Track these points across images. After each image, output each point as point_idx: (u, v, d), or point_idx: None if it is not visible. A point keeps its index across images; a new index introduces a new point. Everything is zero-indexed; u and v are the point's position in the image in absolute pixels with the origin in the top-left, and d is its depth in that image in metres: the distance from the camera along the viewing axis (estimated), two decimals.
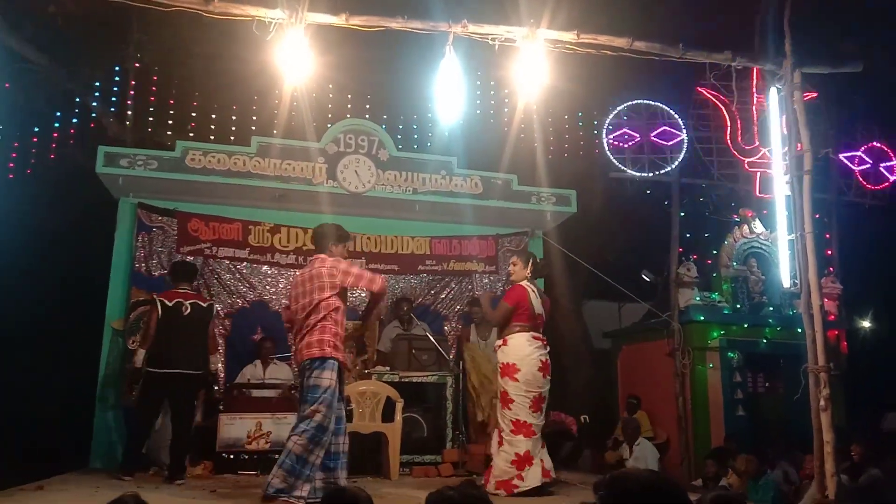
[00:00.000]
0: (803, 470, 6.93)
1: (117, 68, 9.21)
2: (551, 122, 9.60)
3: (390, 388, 6.41)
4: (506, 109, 9.48)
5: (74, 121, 9.23)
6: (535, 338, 5.37)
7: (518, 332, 5.35)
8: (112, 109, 9.37)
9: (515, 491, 5.18)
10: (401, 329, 7.55)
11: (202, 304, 6.03)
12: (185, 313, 5.83)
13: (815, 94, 8.15)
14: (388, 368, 6.88)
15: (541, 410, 5.34)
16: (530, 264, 5.57)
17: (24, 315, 8.42)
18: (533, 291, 5.48)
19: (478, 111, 9.33)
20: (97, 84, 9.30)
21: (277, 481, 4.29)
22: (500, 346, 5.43)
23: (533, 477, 5.21)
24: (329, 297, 4.54)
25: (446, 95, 5.27)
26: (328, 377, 4.44)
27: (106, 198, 7.77)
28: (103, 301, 7.43)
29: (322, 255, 4.73)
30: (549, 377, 5.41)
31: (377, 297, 4.88)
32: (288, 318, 4.88)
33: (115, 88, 9.24)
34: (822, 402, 4.74)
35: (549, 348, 5.50)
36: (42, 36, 9.18)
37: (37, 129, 9.01)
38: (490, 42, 5.06)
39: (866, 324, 10.80)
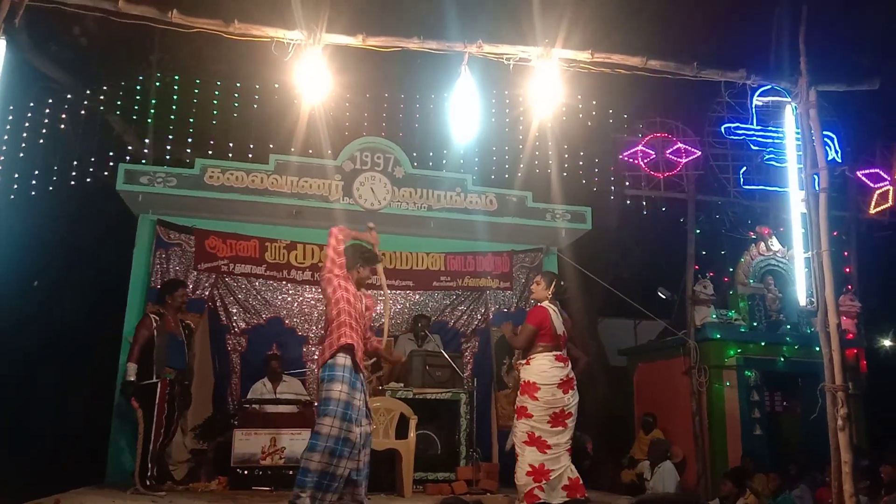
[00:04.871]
0: (819, 492, 6.85)
1: (138, 87, 9.36)
2: (566, 140, 9.62)
3: (404, 405, 6.41)
4: (520, 127, 9.53)
5: (96, 138, 9.37)
6: (557, 359, 5.38)
7: (541, 352, 5.38)
8: (132, 127, 9.52)
9: (538, 502, 5.16)
10: (414, 342, 7.57)
11: None
12: None
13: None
14: (401, 385, 6.89)
15: (564, 426, 5.31)
16: (553, 285, 5.60)
17: (44, 330, 8.53)
18: (554, 311, 5.49)
19: (493, 129, 9.37)
20: (118, 102, 9.46)
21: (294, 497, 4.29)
22: (523, 365, 5.47)
23: (552, 492, 5.20)
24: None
25: (461, 114, 5.33)
26: (337, 388, 4.39)
27: (126, 214, 7.88)
28: (122, 316, 7.51)
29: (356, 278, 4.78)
30: (573, 391, 5.39)
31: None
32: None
33: (136, 106, 9.39)
34: (839, 422, 4.71)
35: (570, 366, 5.49)
36: (65, 56, 9.37)
37: (59, 147, 9.16)
38: (505, 62, 5.11)
39: (887, 342, 10.66)
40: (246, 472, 6.19)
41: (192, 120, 9.18)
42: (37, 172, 8.88)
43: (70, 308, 8.73)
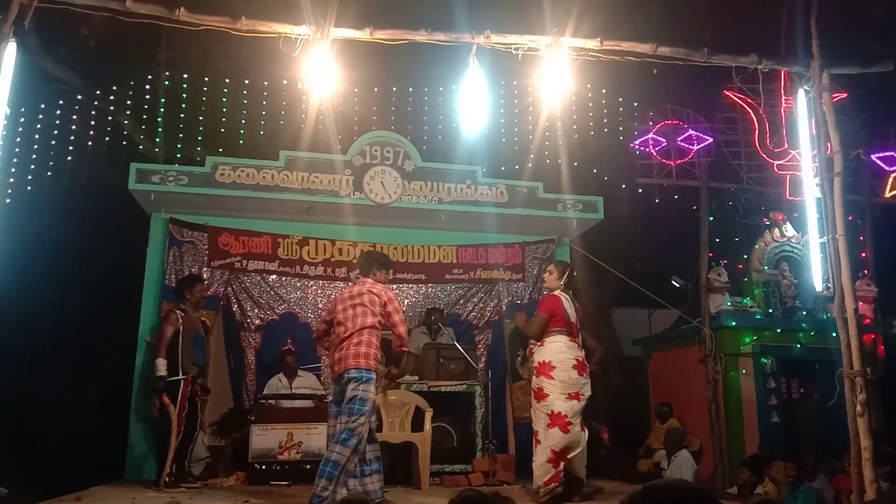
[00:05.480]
0: (837, 479, 6.80)
1: (147, 86, 9.40)
2: (576, 129, 9.58)
3: (419, 398, 6.43)
4: (530, 118, 9.48)
5: (107, 139, 9.43)
6: (571, 341, 5.43)
7: (556, 334, 5.43)
8: (143, 126, 9.57)
9: (556, 493, 5.18)
10: (427, 335, 7.58)
11: None
12: None
13: (844, 95, 8.05)
14: (416, 378, 6.90)
15: (579, 400, 5.35)
16: (566, 275, 5.61)
17: (59, 330, 8.59)
18: (567, 300, 5.51)
19: (502, 120, 9.34)
20: (128, 102, 9.50)
21: (321, 490, 4.48)
22: (537, 347, 5.50)
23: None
24: (372, 321, 4.83)
25: (470, 105, 5.30)
26: (372, 391, 4.70)
27: (138, 213, 7.92)
28: (137, 315, 7.55)
29: (368, 280, 5.01)
30: (586, 375, 5.43)
31: (399, 347, 5.00)
32: (323, 330, 5.11)
33: (146, 106, 9.44)
34: (858, 408, 4.66)
35: (583, 352, 5.53)
36: (74, 57, 9.42)
37: (70, 148, 9.22)
38: (513, 52, 5.08)
39: None
40: (264, 467, 6.24)
41: (201, 118, 9.21)
42: (49, 174, 8.94)
43: (83, 307, 8.78)
